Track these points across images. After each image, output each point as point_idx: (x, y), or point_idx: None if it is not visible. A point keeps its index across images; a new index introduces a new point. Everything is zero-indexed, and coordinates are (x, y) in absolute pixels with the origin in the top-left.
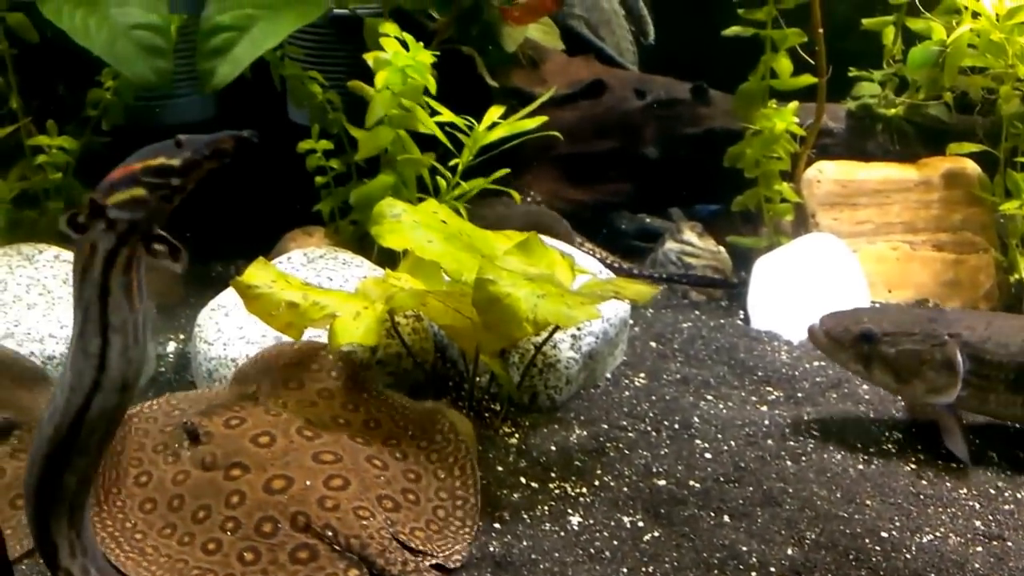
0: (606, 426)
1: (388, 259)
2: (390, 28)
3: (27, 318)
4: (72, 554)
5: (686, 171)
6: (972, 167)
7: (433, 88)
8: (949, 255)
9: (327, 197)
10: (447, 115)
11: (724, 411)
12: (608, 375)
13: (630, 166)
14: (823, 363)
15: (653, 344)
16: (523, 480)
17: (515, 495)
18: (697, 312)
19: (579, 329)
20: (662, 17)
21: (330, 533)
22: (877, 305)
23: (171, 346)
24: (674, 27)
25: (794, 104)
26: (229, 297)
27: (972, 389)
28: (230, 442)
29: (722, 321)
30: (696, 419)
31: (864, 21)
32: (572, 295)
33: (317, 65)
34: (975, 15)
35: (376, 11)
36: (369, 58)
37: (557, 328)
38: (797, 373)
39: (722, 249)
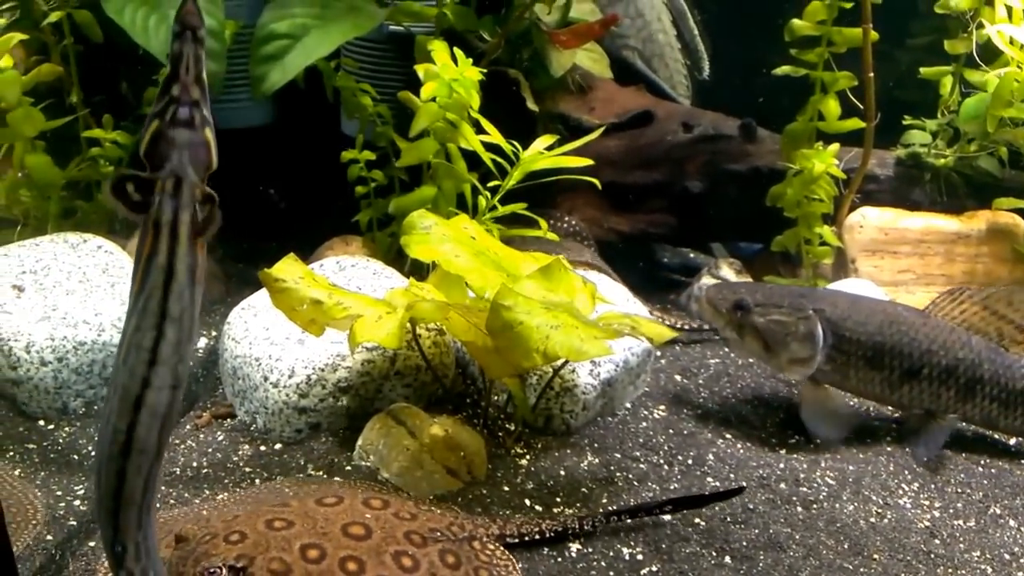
0: (618, 455)
1: (419, 272)
2: (439, 46)
3: (64, 303)
4: (137, 557)
5: (729, 207)
6: (1019, 223)
7: (477, 105)
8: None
9: (366, 208)
10: (495, 136)
11: (741, 450)
12: (628, 404)
13: (673, 198)
14: None
15: (678, 377)
16: (527, 502)
17: (517, 517)
18: (726, 349)
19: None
20: (720, 53)
21: None
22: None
23: (202, 342)
24: (731, 63)
25: (835, 147)
26: (261, 298)
27: (833, 364)
28: None
29: (750, 360)
30: (711, 456)
31: (922, 70)
32: (588, 327)
33: (371, 79)
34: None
35: (429, 29)
36: (419, 69)
37: None
38: None
39: None
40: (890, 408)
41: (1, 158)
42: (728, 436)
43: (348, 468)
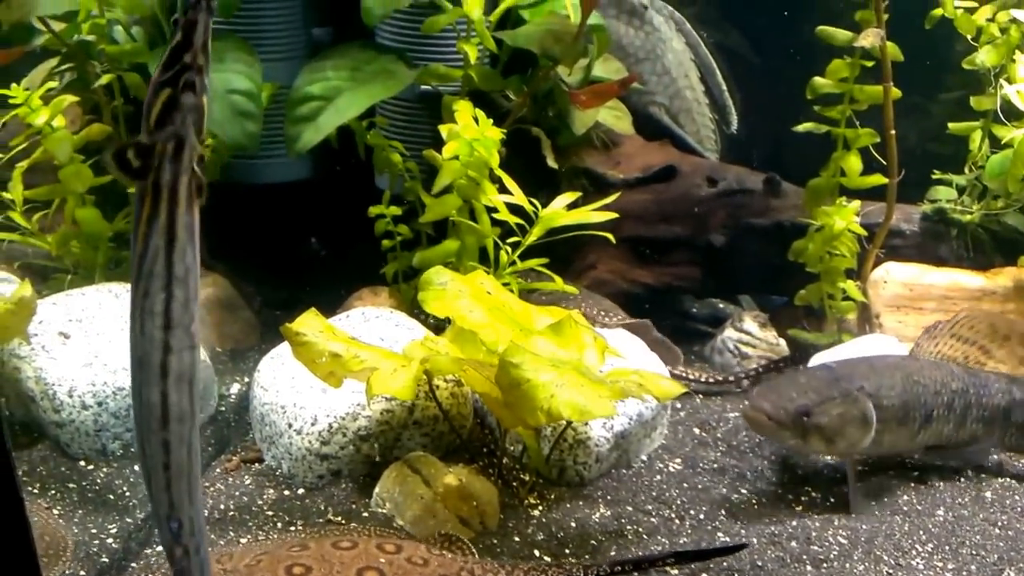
0: (630, 508)
1: (439, 324)
2: (464, 106)
3: (106, 350)
4: (192, 532)
5: (753, 260)
6: None
7: (496, 164)
8: (1018, 368)
9: (393, 260)
10: (517, 193)
11: (755, 506)
12: (644, 457)
13: (697, 252)
14: None
15: (696, 430)
16: (537, 552)
17: (526, 563)
18: (747, 403)
19: (625, 403)
20: (751, 106)
21: None
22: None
23: (235, 387)
24: (759, 118)
25: (855, 203)
26: (288, 348)
27: (875, 434)
28: None
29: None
30: (723, 512)
31: (951, 126)
32: (595, 386)
33: (403, 136)
34: None
35: (457, 89)
36: (443, 129)
37: None
38: (838, 475)
39: (782, 342)
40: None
41: (54, 212)
42: (743, 491)
43: (365, 514)
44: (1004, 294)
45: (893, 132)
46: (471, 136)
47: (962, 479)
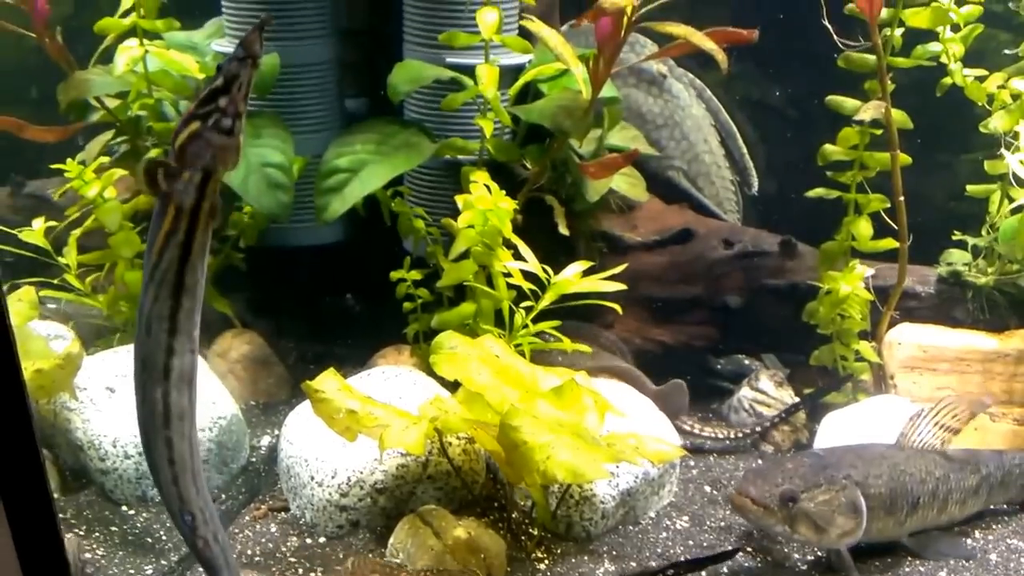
0: (634, 564)
1: (457, 383)
2: (481, 175)
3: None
4: (206, 522)
5: (769, 321)
6: None
7: (508, 232)
8: None
9: (414, 321)
10: (533, 263)
11: (759, 565)
12: (652, 514)
13: (713, 312)
14: None
15: (707, 488)
16: None
17: None
18: (760, 461)
19: (617, 467)
20: (773, 168)
21: None
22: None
23: (265, 439)
24: (782, 180)
25: (863, 269)
26: None
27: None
28: None
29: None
30: (725, 569)
31: (969, 188)
32: (591, 448)
33: (427, 202)
34: None
35: (475, 159)
36: (459, 199)
37: None
38: None
39: (797, 400)
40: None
41: (105, 274)
42: (748, 550)
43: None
44: (1017, 356)
45: (901, 199)
46: (484, 206)
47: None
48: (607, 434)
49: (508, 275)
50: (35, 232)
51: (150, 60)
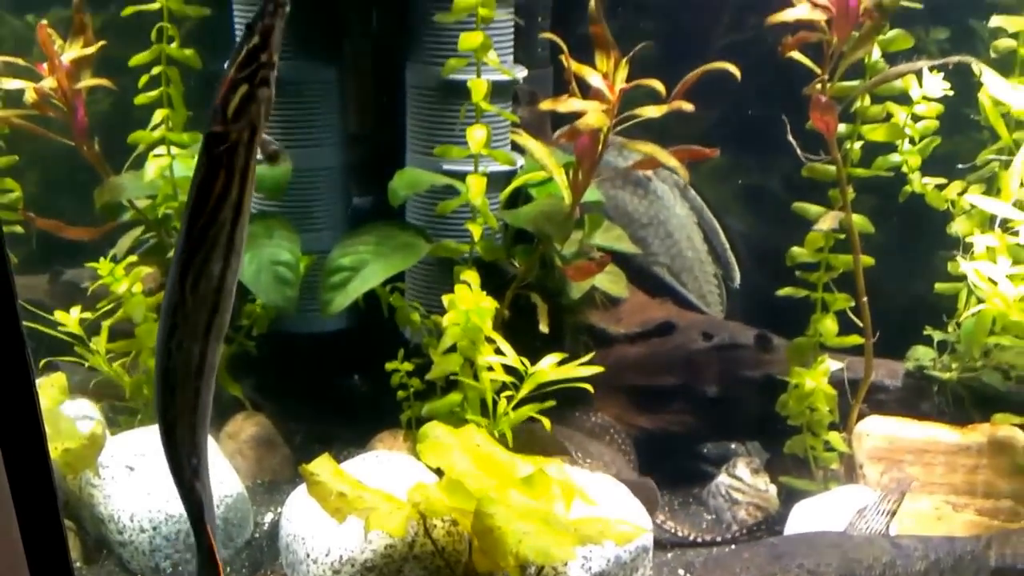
0: None
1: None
2: (470, 275)
3: (163, 482)
4: (204, 467)
5: (745, 410)
6: (1020, 437)
7: (489, 330)
8: (992, 522)
9: (407, 408)
10: (512, 357)
11: None
12: None
13: (692, 401)
14: None
15: (681, 571)
16: None
17: None
18: (734, 546)
19: (590, 550)
20: (755, 261)
21: None
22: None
23: (269, 516)
24: (764, 272)
25: (827, 365)
26: None
27: None
28: None
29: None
30: None
31: (937, 286)
32: (558, 533)
33: (425, 295)
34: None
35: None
36: (445, 299)
37: None
38: None
39: (771, 488)
40: None
41: (131, 360)
42: None
43: None
44: (978, 449)
45: (865, 299)
46: (467, 306)
47: None
48: (576, 519)
49: (491, 368)
50: (71, 319)
51: (176, 167)
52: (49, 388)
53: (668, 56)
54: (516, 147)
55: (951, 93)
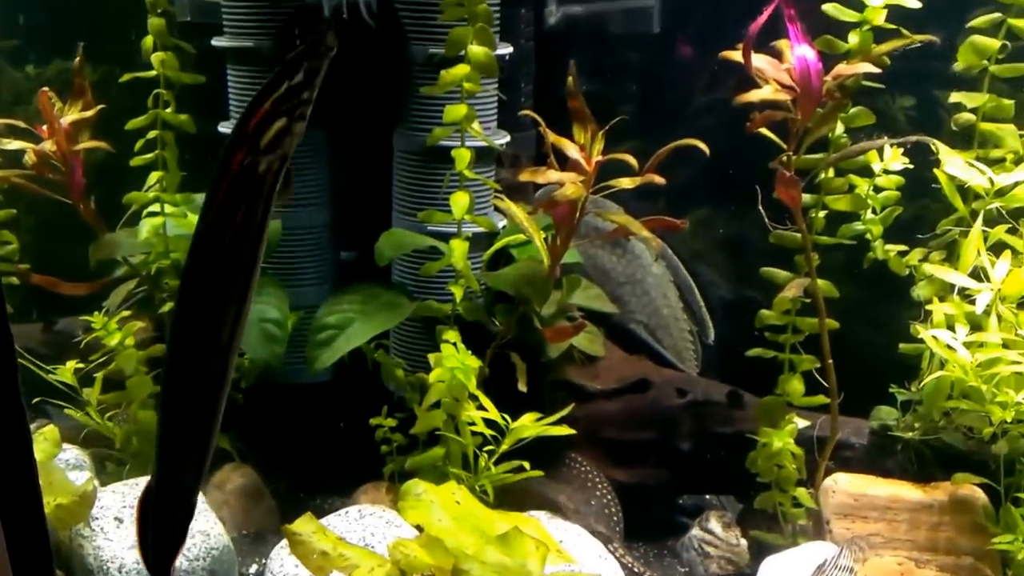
0: None
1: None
2: (452, 335)
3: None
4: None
5: (717, 465)
6: (980, 496)
7: (473, 387)
8: None
9: (390, 462)
10: (493, 413)
11: None
12: None
13: (666, 455)
14: None
15: None
16: None
17: None
18: None
19: None
20: (727, 318)
21: None
22: None
23: (253, 567)
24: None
25: (792, 426)
26: None
27: None
28: None
29: None
30: None
31: (901, 346)
32: None
33: (409, 352)
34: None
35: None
36: (431, 357)
37: None
38: None
39: (743, 543)
40: None
41: (123, 409)
42: None
43: None
44: (940, 507)
45: (831, 362)
46: (451, 364)
47: None
48: (550, 573)
49: (473, 423)
50: (65, 370)
51: (169, 226)
52: (42, 441)
53: (650, 113)
54: (500, 208)
55: (911, 167)
